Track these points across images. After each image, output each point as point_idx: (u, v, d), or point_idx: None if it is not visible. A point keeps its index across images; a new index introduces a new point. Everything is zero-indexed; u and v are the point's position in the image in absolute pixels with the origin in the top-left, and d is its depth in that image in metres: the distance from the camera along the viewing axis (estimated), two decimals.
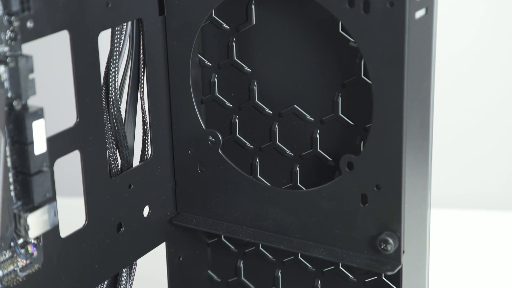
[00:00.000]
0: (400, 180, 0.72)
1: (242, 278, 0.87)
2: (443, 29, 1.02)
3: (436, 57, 0.73)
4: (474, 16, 1.28)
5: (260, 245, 0.84)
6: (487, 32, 1.29)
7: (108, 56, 0.76)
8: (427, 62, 0.71)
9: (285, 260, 0.84)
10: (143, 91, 0.79)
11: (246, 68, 0.79)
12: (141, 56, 0.78)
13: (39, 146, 0.65)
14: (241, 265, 0.86)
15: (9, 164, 0.65)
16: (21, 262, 0.67)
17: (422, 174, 0.75)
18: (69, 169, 0.89)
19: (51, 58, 1.14)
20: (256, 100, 0.80)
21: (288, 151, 0.80)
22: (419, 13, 0.68)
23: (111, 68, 0.76)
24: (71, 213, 0.93)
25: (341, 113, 0.76)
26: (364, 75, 0.74)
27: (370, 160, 0.72)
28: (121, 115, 0.77)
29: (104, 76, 0.76)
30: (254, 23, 0.78)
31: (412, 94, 0.70)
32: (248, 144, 0.81)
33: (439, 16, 0.73)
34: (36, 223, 0.66)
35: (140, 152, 0.81)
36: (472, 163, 1.34)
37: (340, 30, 0.74)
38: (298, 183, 0.80)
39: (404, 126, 0.70)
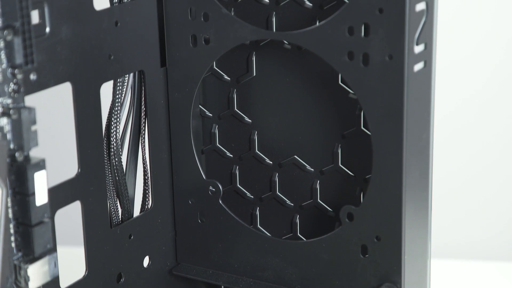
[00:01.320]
0: (400, 231, 0.72)
1: None
2: (442, 81, 1.03)
3: (435, 109, 0.74)
4: (474, 68, 1.29)
5: None
6: (485, 84, 1.30)
7: (110, 107, 0.77)
8: (426, 114, 0.72)
9: None
10: (144, 142, 0.80)
11: (246, 118, 0.80)
12: (143, 107, 0.79)
13: (41, 197, 0.65)
14: None
15: (10, 215, 0.65)
16: None
17: (422, 225, 0.75)
18: (70, 218, 0.90)
19: (53, 108, 1.15)
20: (257, 151, 0.80)
21: (288, 202, 0.80)
22: (418, 66, 0.69)
23: (112, 118, 0.76)
24: (71, 262, 0.93)
25: (341, 164, 0.76)
26: (363, 127, 0.75)
27: (370, 211, 0.73)
28: (122, 165, 0.78)
29: (105, 127, 0.76)
30: (254, 74, 0.78)
31: (412, 145, 0.71)
32: (248, 194, 0.82)
33: (438, 68, 0.74)
34: (36, 274, 0.66)
35: (140, 202, 0.81)
36: (473, 213, 1.35)
37: (340, 82, 0.75)
38: (298, 234, 0.80)
39: (404, 177, 0.71)
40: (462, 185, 1.34)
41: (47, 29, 0.67)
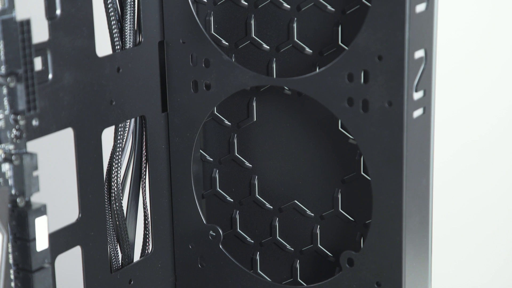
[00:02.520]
0: (400, 277, 0.72)
1: None
2: (441, 125, 1.03)
3: (434, 154, 0.74)
4: (472, 116, 1.30)
5: None
6: (485, 130, 1.31)
7: (111, 152, 0.77)
8: (425, 159, 0.72)
9: None
10: (145, 186, 0.80)
11: (247, 163, 0.80)
12: (144, 151, 0.79)
13: (41, 243, 0.65)
14: None
15: (10, 260, 0.65)
16: None
17: (423, 270, 0.75)
18: (70, 263, 0.89)
19: (54, 153, 1.16)
20: (257, 195, 0.80)
21: (288, 246, 0.80)
22: (417, 113, 0.70)
23: (113, 163, 0.77)
24: None
25: (341, 209, 0.77)
26: (363, 172, 0.75)
27: (370, 257, 0.73)
28: (122, 210, 0.78)
29: (106, 172, 0.77)
30: (255, 119, 0.79)
31: (411, 191, 0.71)
32: (248, 238, 0.82)
33: (437, 112, 0.75)
34: None
35: (141, 247, 0.81)
36: (473, 256, 1.34)
37: (340, 128, 0.75)
38: (299, 279, 0.80)
39: (404, 222, 0.71)
40: (462, 229, 1.34)
41: (50, 76, 0.68)
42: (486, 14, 1.27)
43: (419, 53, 0.69)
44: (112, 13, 0.74)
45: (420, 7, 0.68)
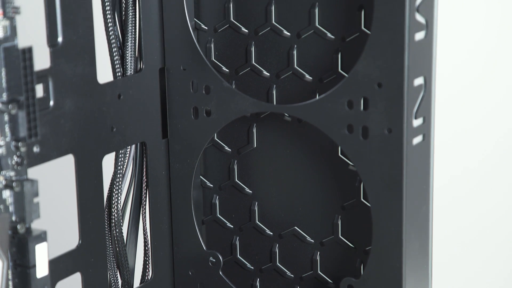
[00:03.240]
0: None
1: None
2: (441, 153, 1.04)
3: (434, 180, 0.75)
4: (471, 142, 1.31)
5: None
6: (484, 156, 1.31)
7: (112, 178, 0.77)
8: (425, 186, 0.72)
9: None
10: (145, 212, 0.80)
11: (247, 189, 0.80)
12: (144, 177, 0.79)
13: (41, 269, 0.65)
14: None
15: (10, 287, 0.65)
16: None
17: None
18: None
19: (54, 179, 1.16)
20: (257, 221, 0.80)
21: (288, 273, 0.80)
22: (417, 140, 0.70)
23: (114, 190, 0.77)
24: None
25: (341, 235, 0.77)
26: (363, 198, 0.75)
27: (370, 284, 0.73)
28: (122, 236, 0.78)
29: (107, 198, 0.77)
30: (255, 145, 0.79)
31: (411, 218, 0.71)
32: (248, 265, 0.82)
33: (436, 139, 0.75)
34: None
35: (141, 273, 0.81)
36: (473, 280, 1.34)
37: (340, 154, 0.75)
38: None
39: (404, 249, 0.71)
40: (462, 255, 1.34)
41: (51, 102, 0.68)
42: (485, 42, 1.28)
43: (419, 81, 0.69)
44: (113, 40, 0.75)
45: (419, 35, 0.68)
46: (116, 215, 0.77)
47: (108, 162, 0.77)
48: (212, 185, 0.82)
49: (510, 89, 1.28)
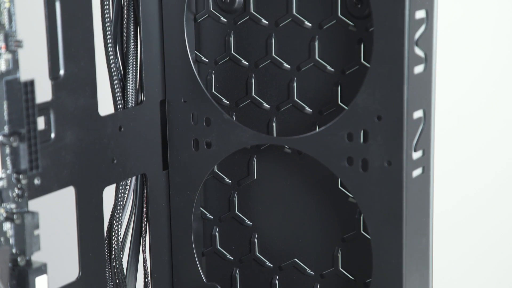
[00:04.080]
0: None
1: None
2: (440, 185, 1.04)
3: (433, 213, 0.75)
4: (471, 171, 1.31)
5: None
6: (482, 185, 1.32)
7: (112, 210, 0.77)
8: (425, 218, 0.72)
9: None
10: (145, 244, 0.80)
11: (247, 221, 0.81)
12: (144, 209, 0.79)
13: None
14: None
15: None
16: None
17: None
18: None
19: (55, 211, 1.16)
20: (257, 253, 0.80)
21: None
22: (416, 172, 0.70)
23: (114, 221, 0.77)
24: None
25: (341, 267, 0.77)
26: (363, 231, 0.75)
27: None
28: (122, 268, 0.78)
29: (107, 230, 0.77)
30: (255, 177, 0.79)
31: (411, 250, 0.71)
32: None
33: (436, 173, 0.75)
34: None
35: None
36: None
37: (340, 186, 0.76)
38: None
39: (404, 282, 0.71)
40: (461, 283, 1.34)
41: (52, 135, 0.69)
42: (485, 75, 1.29)
43: (418, 113, 0.69)
44: (115, 73, 0.75)
45: (418, 68, 0.69)
46: (116, 247, 0.77)
47: (108, 193, 0.77)
48: (212, 217, 0.82)
49: (508, 121, 1.29)
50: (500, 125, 1.29)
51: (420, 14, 0.67)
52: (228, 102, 0.79)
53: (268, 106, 0.77)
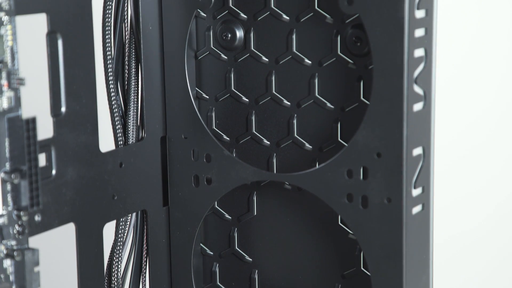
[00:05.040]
0: None
1: None
2: (438, 220, 1.05)
3: (433, 249, 0.75)
4: (469, 209, 1.32)
5: None
6: (482, 219, 1.32)
7: (112, 246, 0.77)
8: (425, 256, 0.72)
9: None
10: (145, 280, 0.80)
11: (247, 257, 0.81)
12: (144, 245, 0.79)
13: None
14: None
15: None
16: None
17: None
18: None
19: (55, 247, 1.16)
20: None
21: None
22: (416, 209, 0.70)
23: (114, 258, 0.77)
24: None
25: None
26: (363, 267, 0.75)
27: None
28: None
29: (107, 266, 0.77)
30: (255, 213, 0.80)
31: (411, 287, 0.71)
32: None
33: (436, 208, 0.75)
34: None
35: None
36: None
37: (340, 223, 0.76)
38: None
39: None
40: None
41: (53, 172, 0.69)
42: (484, 112, 1.30)
43: (417, 151, 0.70)
44: (116, 109, 0.76)
45: (418, 106, 0.69)
46: (116, 283, 0.77)
47: (108, 229, 0.77)
48: (212, 253, 0.82)
49: (508, 158, 1.30)
50: (499, 162, 1.30)
51: (419, 52, 0.68)
52: (228, 139, 0.79)
53: (268, 143, 0.77)
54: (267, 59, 0.76)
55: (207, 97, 0.79)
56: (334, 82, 0.74)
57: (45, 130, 0.69)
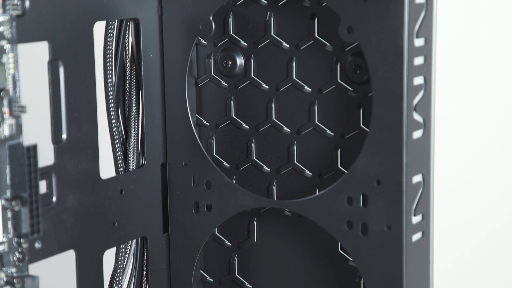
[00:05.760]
0: None
1: None
2: (439, 248, 1.05)
3: (434, 274, 0.75)
4: (469, 233, 1.32)
5: None
6: (481, 244, 1.32)
7: (112, 272, 0.77)
8: (425, 283, 0.72)
9: None
10: None
11: (247, 284, 0.80)
12: (144, 272, 0.79)
13: None
14: None
15: None
16: None
17: None
18: None
19: (55, 274, 1.16)
20: None
21: None
22: (416, 236, 0.71)
23: (114, 284, 0.77)
24: None
25: None
26: None
27: None
28: None
29: None
30: (255, 240, 0.80)
31: None
32: None
33: (435, 234, 0.75)
34: None
35: None
36: None
37: (339, 250, 0.76)
38: None
39: None
40: None
41: (54, 198, 0.69)
42: (481, 140, 1.30)
43: (417, 178, 0.70)
44: (117, 136, 0.76)
45: (417, 134, 0.69)
46: None
47: (108, 256, 0.77)
48: (212, 280, 0.82)
49: (507, 185, 1.30)
50: (498, 188, 1.30)
51: (418, 80, 0.68)
52: (228, 165, 0.79)
53: (268, 169, 0.78)
54: (267, 86, 0.76)
55: (208, 123, 0.80)
56: (334, 109, 0.74)
57: (46, 156, 0.69)
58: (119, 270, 0.77)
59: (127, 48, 0.77)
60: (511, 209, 1.31)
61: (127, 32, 0.76)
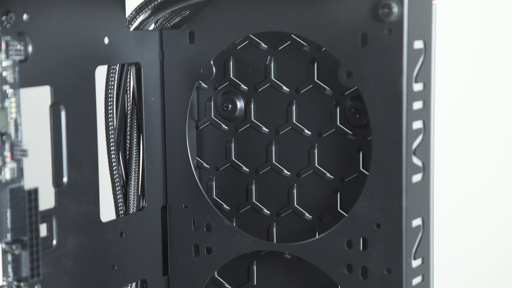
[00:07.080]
0: None
1: None
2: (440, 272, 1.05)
3: None
4: (468, 268, 1.31)
5: None
6: (482, 269, 1.32)
7: None
8: None
9: None
10: None
11: None
12: None
13: None
14: None
15: None
16: None
17: None
18: None
19: None
20: None
21: None
22: (416, 280, 0.70)
23: None
24: None
25: None
26: None
27: None
28: None
29: None
30: (255, 283, 0.79)
31: None
32: None
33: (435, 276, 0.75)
34: None
35: None
36: None
37: None
38: None
39: None
40: None
41: (54, 242, 0.69)
42: (481, 183, 1.31)
43: (417, 222, 0.70)
44: (117, 179, 0.76)
45: (417, 177, 0.69)
46: None
47: None
48: None
49: (506, 225, 1.30)
50: (498, 230, 1.30)
51: (417, 124, 0.69)
52: (228, 208, 0.80)
53: (268, 212, 0.78)
54: (267, 130, 0.77)
55: (208, 166, 0.80)
56: (333, 153, 0.74)
57: (46, 199, 0.70)
58: None
59: (128, 92, 0.77)
60: (507, 249, 1.31)
61: (128, 76, 0.77)
